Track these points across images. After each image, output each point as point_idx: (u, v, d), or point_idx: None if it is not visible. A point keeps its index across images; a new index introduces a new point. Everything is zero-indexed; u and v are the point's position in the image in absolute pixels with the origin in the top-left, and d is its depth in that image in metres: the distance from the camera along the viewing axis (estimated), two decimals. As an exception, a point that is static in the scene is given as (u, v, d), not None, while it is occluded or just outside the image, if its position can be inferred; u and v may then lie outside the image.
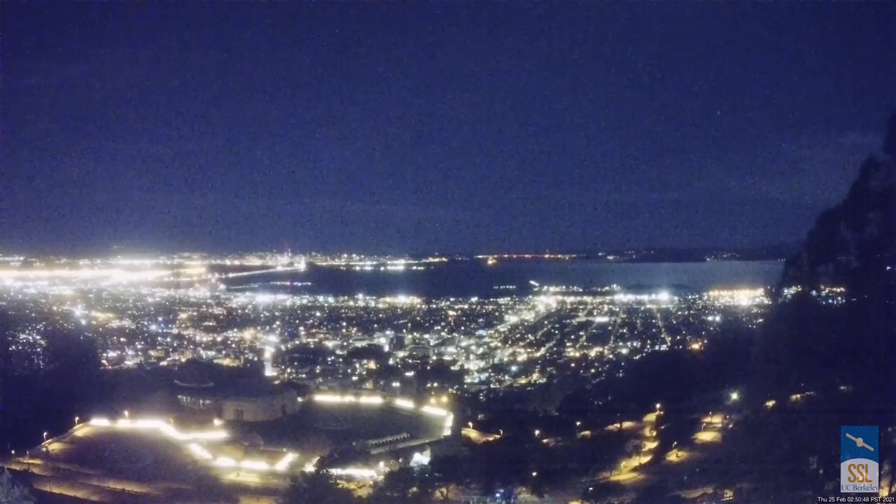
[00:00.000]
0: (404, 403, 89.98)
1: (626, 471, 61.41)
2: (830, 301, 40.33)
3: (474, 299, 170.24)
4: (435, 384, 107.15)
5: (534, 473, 58.37)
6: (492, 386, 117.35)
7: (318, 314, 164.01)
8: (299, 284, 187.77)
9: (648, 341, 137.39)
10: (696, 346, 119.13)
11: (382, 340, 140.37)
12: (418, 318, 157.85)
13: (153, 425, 72.98)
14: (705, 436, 64.79)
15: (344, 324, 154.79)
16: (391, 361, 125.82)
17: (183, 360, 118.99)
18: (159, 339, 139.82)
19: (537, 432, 75.07)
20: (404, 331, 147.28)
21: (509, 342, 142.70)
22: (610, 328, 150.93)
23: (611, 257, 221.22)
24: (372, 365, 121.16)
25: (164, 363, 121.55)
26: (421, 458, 67.58)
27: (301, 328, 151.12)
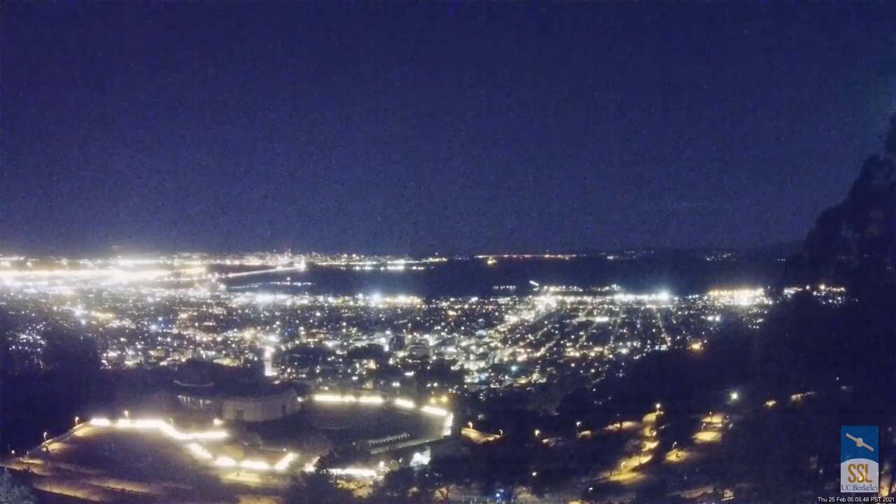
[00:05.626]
0: (404, 403, 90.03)
1: (626, 471, 61.42)
2: (831, 301, 40.29)
3: (474, 299, 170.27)
4: (435, 384, 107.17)
5: (534, 473, 58.42)
6: (492, 386, 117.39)
7: (318, 314, 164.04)
8: (299, 284, 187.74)
9: (648, 341, 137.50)
10: (696, 346, 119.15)
11: (382, 340, 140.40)
12: (418, 318, 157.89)
13: (153, 425, 73.04)
14: (705, 436, 64.79)
15: (344, 324, 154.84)
16: (391, 361, 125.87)
17: (183, 360, 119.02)
18: (159, 339, 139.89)
19: (537, 432, 75.06)
20: (404, 331, 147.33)
21: (509, 342, 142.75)
22: (610, 328, 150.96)
23: (611, 257, 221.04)
24: (372, 365, 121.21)
25: (164, 363, 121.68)
26: (421, 458, 67.67)
27: (301, 328, 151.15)
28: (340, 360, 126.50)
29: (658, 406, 75.84)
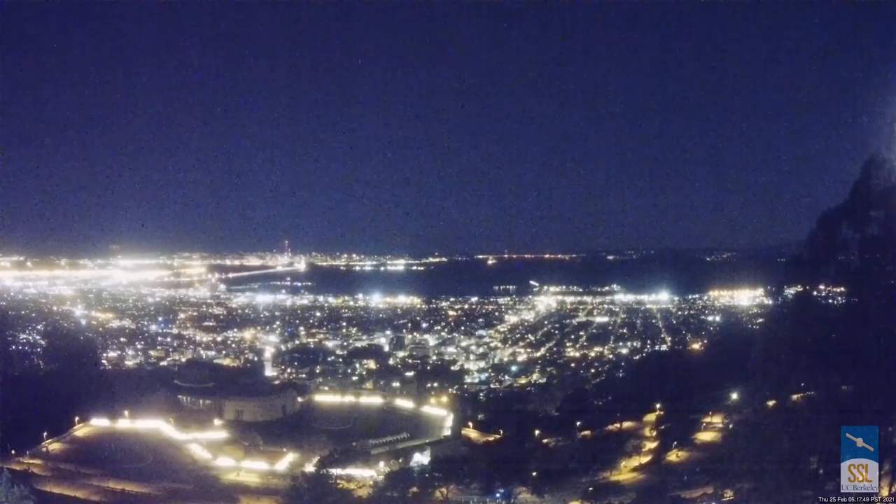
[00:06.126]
0: (404, 403, 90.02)
1: (626, 471, 61.39)
2: (831, 301, 40.28)
3: (474, 299, 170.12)
4: (435, 384, 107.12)
5: (534, 473, 58.44)
6: (492, 386, 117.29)
7: (318, 314, 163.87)
8: (299, 284, 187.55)
9: (648, 341, 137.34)
10: (696, 346, 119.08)
11: (382, 340, 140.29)
12: (418, 318, 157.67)
13: (153, 425, 73.01)
14: (705, 436, 64.76)
15: (344, 324, 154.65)
16: (391, 361, 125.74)
17: (183, 360, 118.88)
18: (159, 339, 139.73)
19: (537, 432, 75.01)
20: (404, 331, 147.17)
21: (509, 342, 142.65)
22: (610, 328, 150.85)
23: (611, 257, 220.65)
24: (372, 365, 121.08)
25: (164, 363, 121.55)
26: (421, 458, 67.70)
27: (301, 328, 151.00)
28: (340, 360, 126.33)
29: (658, 406, 75.76)
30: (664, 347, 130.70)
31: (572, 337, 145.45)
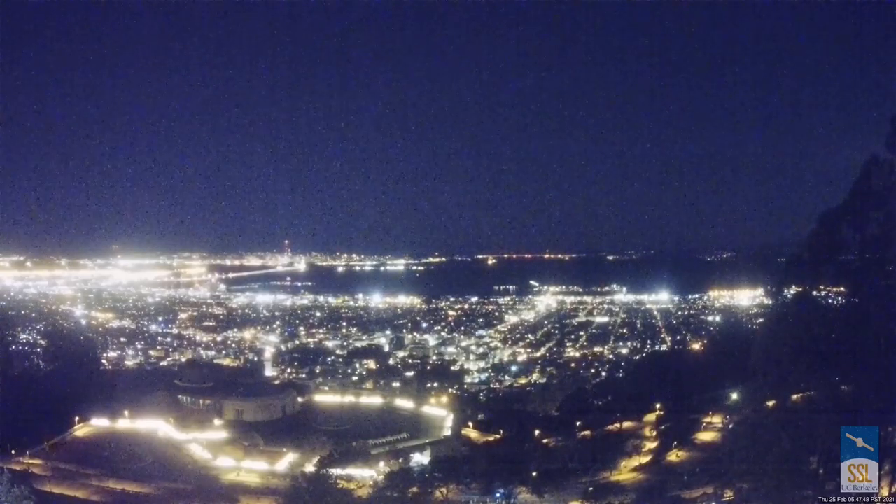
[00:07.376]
0: (404, 403, 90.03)
1: (626, 471, 61.43)
2: (831, 301, 40.30)
3: (474, 299, 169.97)
4: (435, 384, 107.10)
5: (534, 473, 58.45)
6: (492, 386, 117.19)
7: (318, 314, 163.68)
8: (299, 284, 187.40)
9: (648, 341, 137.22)
10: (696, 346, 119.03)
11: (382, 340, 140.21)
12: (418, 318, 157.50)
13: (153, 425, 73.04)
14: (705, 436, 64.83)
15: (344, 324, 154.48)
16: (391, 361, 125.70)
17: (183, 360, 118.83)
18: (159, 339, 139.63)
19: (537, 432, 75.00)
20: (404, 331, 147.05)
21: (509, 342, 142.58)
22: (610, 328, 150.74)
23: (611, 257, 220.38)
24: (372, 365, 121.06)
25: (164, 363, 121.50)
26: (421, 458, 67.70)
27: (301, 328, 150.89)
28: (340, 360, 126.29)
29: (658, 406, 75.79)
30: (664, 347, 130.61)
31: (572, 337, 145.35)
